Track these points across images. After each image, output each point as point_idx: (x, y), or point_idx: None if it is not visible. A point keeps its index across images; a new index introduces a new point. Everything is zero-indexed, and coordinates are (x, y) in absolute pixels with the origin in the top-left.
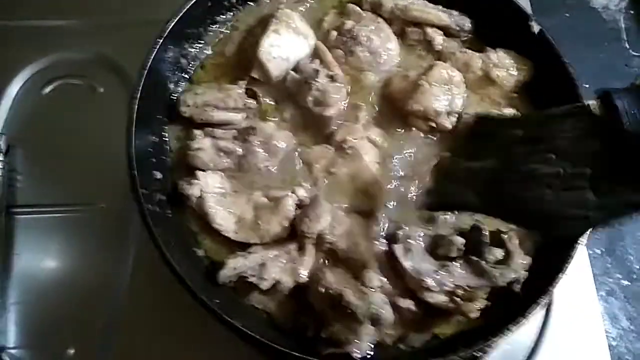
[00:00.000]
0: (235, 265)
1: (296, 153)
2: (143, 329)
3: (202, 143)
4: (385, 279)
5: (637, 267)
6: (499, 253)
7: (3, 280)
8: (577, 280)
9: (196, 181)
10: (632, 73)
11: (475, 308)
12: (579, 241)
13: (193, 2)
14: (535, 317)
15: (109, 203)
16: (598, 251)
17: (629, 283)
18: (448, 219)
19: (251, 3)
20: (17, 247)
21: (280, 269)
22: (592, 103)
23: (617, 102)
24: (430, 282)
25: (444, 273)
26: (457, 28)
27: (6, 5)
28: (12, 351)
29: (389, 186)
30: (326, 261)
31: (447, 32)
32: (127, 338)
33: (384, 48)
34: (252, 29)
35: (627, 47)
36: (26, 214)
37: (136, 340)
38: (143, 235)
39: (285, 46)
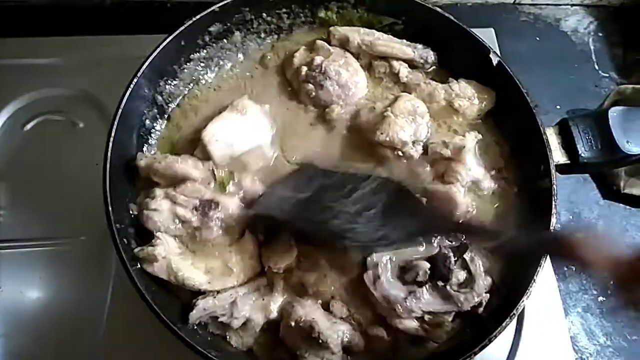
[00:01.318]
0: (205, 306)
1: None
2: (121, 357)
3: (160, 204)
4: (354, 308)
5: (612, 282)
6: (461, 275)
7: None
8: (545, 299)
9: (159, 241)
10: (602, 93)
11: (443, 332)
12: (541, 265)
13: (168, 40)
14: (506, 337)
15: (89, 236)
16: (573, 268)
17: (605, 299)
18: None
19: (224, 40)
20: (0, 281)
21: (250, 306)
22: (549, 129)
23: (573, 129)
24: (399, 308)
25: (413, 299)
26: (422, 60)
27: None
28: None
29: None
30: (295, 295)
31: (411, 64)
32: None
33: (352, 81)
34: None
35: (597, 68)
36: (8, 248)
37: None
38: (120, 267)
39: (232, 134)
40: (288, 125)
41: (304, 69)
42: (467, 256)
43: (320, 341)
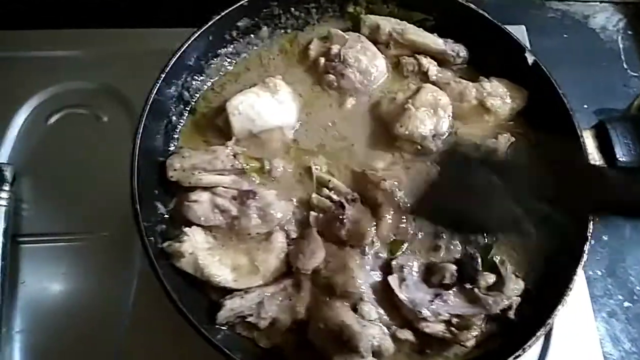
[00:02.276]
0: (232, 306)
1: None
2: (146, 357)
3: (200, 196)
4: (383, 311)
5: (639, 288)
6: (490, 278)
7: (9, 309)
8: (575, 304)
9: (186, 237)
10: (631, 93)
11: (471, 336)
12: (577, 272)
13: (195, 35)
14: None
15: (113, 231)
16: (599, 272)
17: (631, 304)
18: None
19: (252, 35)
20: (23, 276)
21: (277, 307)
22: (586, 132)
23: (611, 133)
24: (426, 312)
25: (439, 302)
26: (453, 53)
27: (12, 36)
28: None
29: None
30: (323, 296)
31: (441, 61)
32: None
33: (372, 65)
34: None
35: (626, 67)
36: (32, 242)
37: None
38: (146, 264)
39: (257, 109)
40: (312, 110)
41: (322, 60)
42: (496, 259)
43: (350, 345)
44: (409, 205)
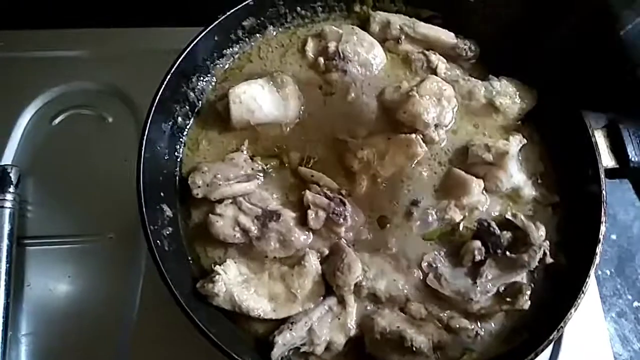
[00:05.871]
0: (283, 341)
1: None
2: (152, 359)
3: (225, 210)
4: (431, 306)
5: None
6: (508, 235)
7: (15, 312)
8: (586, 304)
9: (218, 277)
10: None
11: (525, 299)
12: (589, 275)
13: (201, 36)
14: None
15: (118, 233)
16: (607, 272)
17: None
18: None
19: (257, 35)
20: (29, 279)
21: (328, 329)
22: (597, 132)
23: (623, 132)
24: (475, 296)
25: (482, 280)
26: (465, 47)
27: (16, 36)
28: None
29: None
30: (370, 306)
31: (451, 57)
32: None
33: (371, 56)
34: None
35: None
36: (37, 245)
37: None
38: (151, 265)
39: (260, 102)
40: (312, 102)
41: (322, 60)
42: (508, 214)
43: (414, 349)
44: None
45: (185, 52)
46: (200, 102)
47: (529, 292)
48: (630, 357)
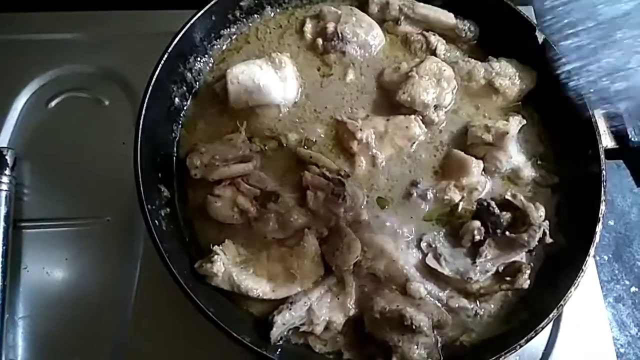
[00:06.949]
0: (283, 320)
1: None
2: (149, 341)
3: (223, 191)
4: (430, 285)
5: None
6: (507, 216)
7: (11, 294)
8: (585, 289)
9: (216, 257)
10: None
11: (525, 278)
12: (589, 254)
13: (198, 16)
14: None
15: (115, 216)
16: (605, 257)
17: (637, 289)
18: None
19: (255, 15)
20: (25, 261)
21: (327, 308)
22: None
23: (623, 113)
24: (475, 275)
25: (481, 260)
26: (464, 28)
27: (12, 19)
28: None
29: None
30: (368, 286)
31: (450, 39)
32: (134, 350)
33: (370, 37)
34: None
35: None
36: (33, 227)
37: (142, 351)
38: (149, 248)
39: (258, 82)
40: (313, 85)
41: (320, 41)
42: (508, 195)
43: (413, 327)
44: None
45: (182, 32)
46: (197, 83)
47: (528, 272)
48: (627, 342)
